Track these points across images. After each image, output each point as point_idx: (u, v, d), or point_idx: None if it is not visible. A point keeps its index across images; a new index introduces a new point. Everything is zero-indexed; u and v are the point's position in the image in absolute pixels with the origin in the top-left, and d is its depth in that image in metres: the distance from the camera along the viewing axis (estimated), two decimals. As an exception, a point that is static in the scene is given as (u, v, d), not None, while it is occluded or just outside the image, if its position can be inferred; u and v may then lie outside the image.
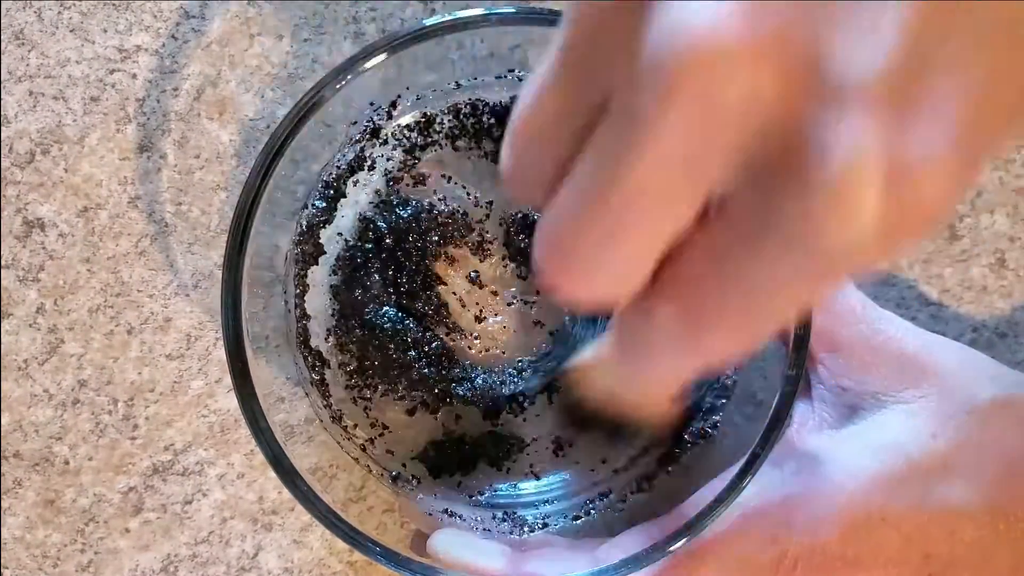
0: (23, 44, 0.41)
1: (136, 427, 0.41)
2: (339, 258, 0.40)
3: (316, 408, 0.39)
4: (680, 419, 0.37)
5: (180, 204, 0.41)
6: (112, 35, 0.41)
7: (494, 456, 0.40)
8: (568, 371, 0.33)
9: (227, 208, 0.41)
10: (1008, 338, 0.42)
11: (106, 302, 0.41)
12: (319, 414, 0.39)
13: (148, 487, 0.41)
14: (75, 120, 0.41)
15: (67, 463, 0.41)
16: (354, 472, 0.40)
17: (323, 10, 0.41)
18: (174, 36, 0.41)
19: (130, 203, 0.41)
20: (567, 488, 0.40)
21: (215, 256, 0.41)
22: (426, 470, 0.40)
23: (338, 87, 0.33)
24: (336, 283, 0.40)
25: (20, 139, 0.41)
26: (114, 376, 0.41)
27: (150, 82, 0.41)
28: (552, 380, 0.40)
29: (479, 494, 0.40)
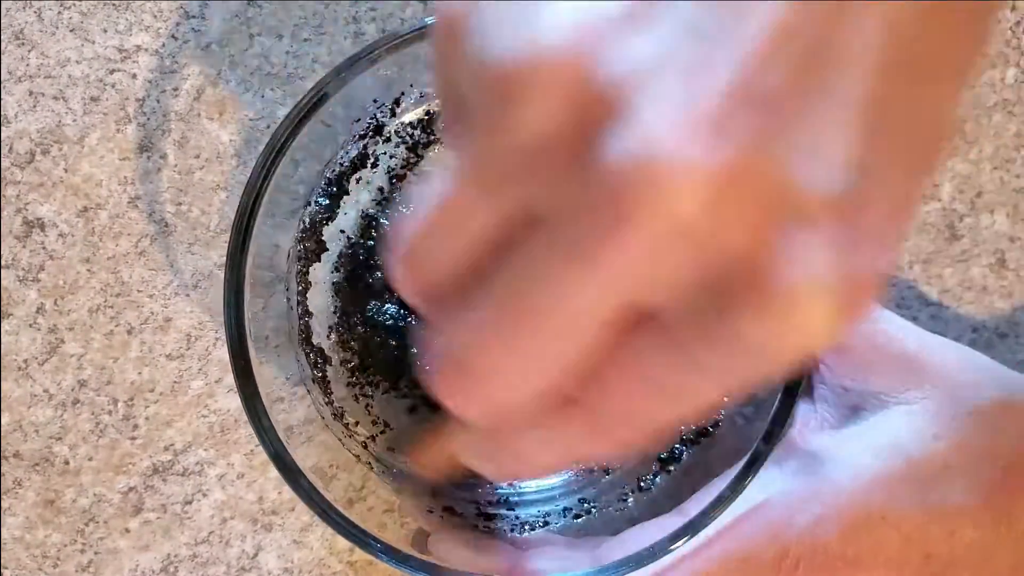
0: (23, 44, 0.41)
1: (136, 427, 0.41)
2: (341, 255, 0.40)
3: (317, 406, 0.39)
4: None
5: (180, 204, 0.41)
6: (112, 35, 0.41)
7: None
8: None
9: (227, 208, 0.41)
10: (1008, 338, 0.42)
11: (106, 302, 0.41)
12: (320, 411, 0.39)
13: (148, 487, 0.41)
14: (75, 120, 0.41)
15: (67, 463, 0.41)
16: (354, 472, 0.40)
17: (323, 10, 0.41)
18: (174, 36, 0.41)
19: (130, 203, 0.41)
20: (567, 487, 0.40)
21: (215, 256, 0.41)
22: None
23: (340, 86, 0.33)
24: (338, 280, 0.40)
25: (20, 139, 0.41)
26: (114, 376, 0.41)
27: (150, 82, 0.41)
28: None
29: (479, 492, 0.40)
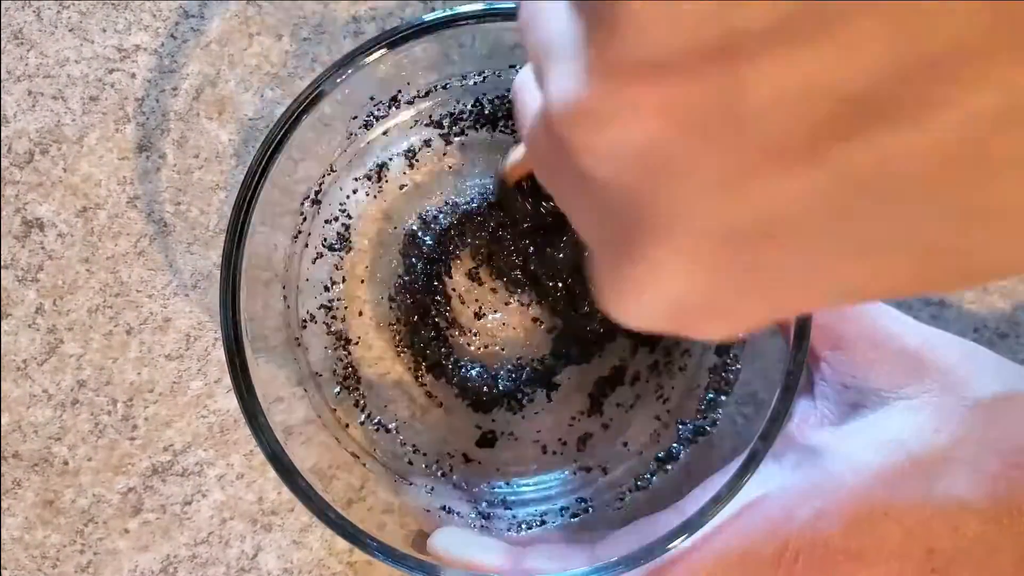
0: (22, 44, 0.41)
1: (135, 427, 0.41)
2: (341, 253, 0.40)
3: (315, 404, 0.39)
4: None
5: (179, 204, 0.41)
6: (111, 35, 0.41)
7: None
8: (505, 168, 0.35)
9: (226, 208, 0.41)
10: (1009, 338, 0.42)
11: (105, 302, 0.41)
12: (317, 408, 0.39)
13: (147, 487, 0.41)
14: (74, 120, 0.41)
15: (66, 463, 0.41)
16: (353, 472, 0.40)
17: (323, 10, 0.41)
18: (173, 36, 0.41)
19: (129, 203, 0.41)
20: (565, 486, 0.40)
21: (214, 256, 0.41)
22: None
23: (337, 82, 0.33)
24: (338, 279, 0.40)
25: (19, 139, 0.41)
26: (113, 376, 0.41)
27: (149, 82, 0.41)
28: (550, 377, 0.40)
29: (478, 491, 0.40)
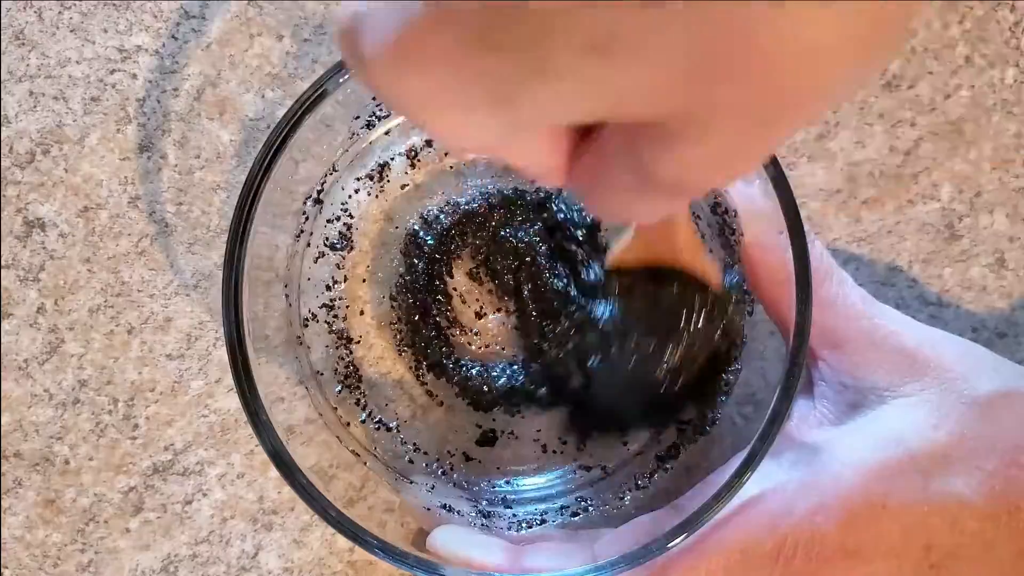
0: (23, 44, 0.41)
1: (136, 427, 0.41)
2: (340, 252, 0.40)
3: (316, 403, 0.39)
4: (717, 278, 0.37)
5: (180, 204, 0.41)
6: (112, 35, 0.41)
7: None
8: (611, 258, 0.35)
9: (227, 208, 0.41)
10: (1008, 338, 0.42)
11: (106, 302, 0.41)
12: (318, 407, 0.39)
13: (148, 487, 0.41)
14: (75, 120, 0.41)
15: (67, 463, 0.41)
16: (354, 472, 0.40)
17: (323, 10, 0.41)
18: (174, 36, 0.41)
19: (130, 203, 0.41)
20: (565, 485, 0.40)
21: (215, 256, 0.41)
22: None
23: (339, 82, 0.33)
24: (339, 277, 0.40)
25: (20, 139, 0.41)
26: (114, 376, 0.41)
27: (150, 82, 0.41)
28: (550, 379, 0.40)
29: (478, 490, 0.40)
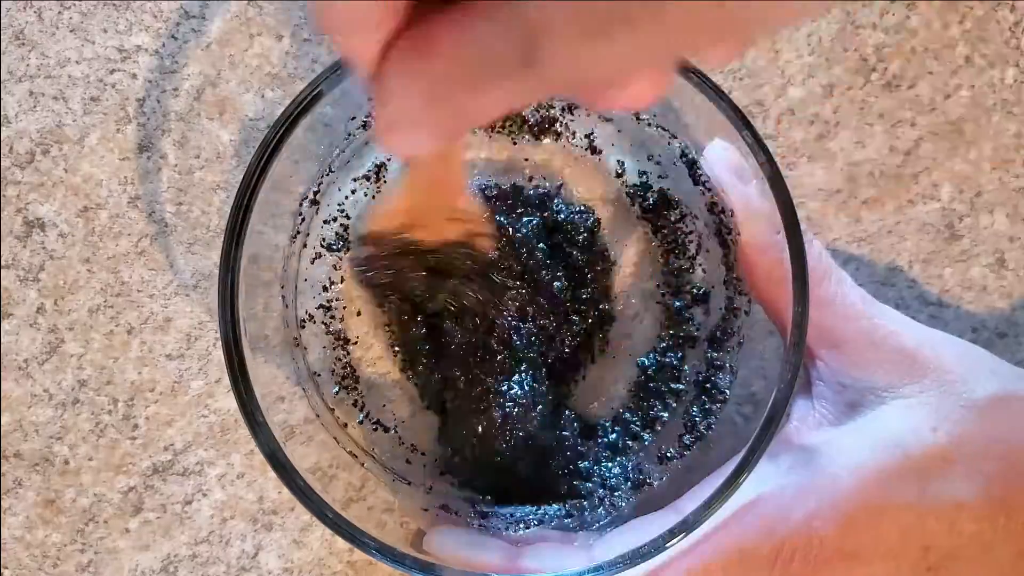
0: (23, 44, 0.41)
1: (136, 427, 0.41)
2: (338, 251, 0.40)
3: (314, 404, 0.39)
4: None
5: (180, 204, 0.41)
6: (112, 35, 0.41)
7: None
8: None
9: (227, 208, 0.41)
10: (1008, 338, 0.42)
11: (106, 302, 0.41)
12: (316, 408, 0.39)
13: (148, 487, 0.41)
14: (75, 120, 0.41)
15: (67, 463, 0.41)
16: (354, 472, 0.40)
17: (323, 10, 0.41)
18: (174, 36, 0.41)
19: (130, 203, 0.41)
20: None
21: (215, 256, 0.41)
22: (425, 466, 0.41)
23: (335, 83, 0.33)
24: (336, 277, 0.40)
25: (20, 139, 0.41)
26: (114, 376, 0.41)
27: (150, 82, 0.41)
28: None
29: (475, 490, 0.40)
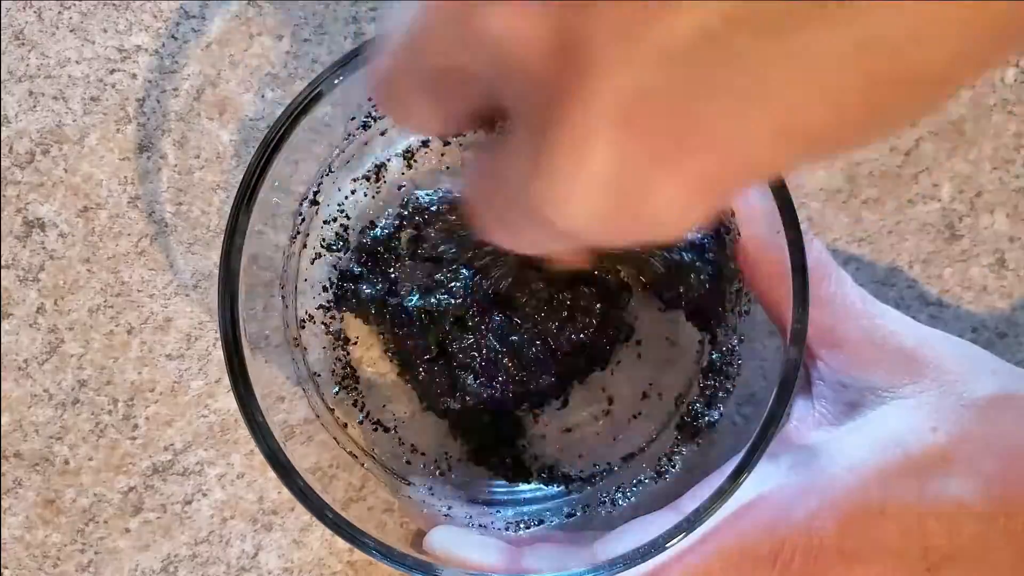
0: (23, 44, 0.41)
1: (136, 427, 0.41)
2: (337, 251, 0.40)
3: (313, 404, 0.39)
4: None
5: (180, 204, 0.41)
6: (112, 35, 0.41)
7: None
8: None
9: (227, 208, 0.41)
10: (1008, 338, 0.42)
11: (106, 302, 0.41)
12: (316, 408, 0.39)
13: (148, 487, 0.41)
14: (75, 120, 0.41)
15: (67, 463, 0.41)
16: (354, 472, 0.40)
17: (323, 10, 0.41)
18: (174, 36, 0.41)
19: (130, 203, 0.41)
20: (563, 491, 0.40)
21: (215, 256, 0.41)
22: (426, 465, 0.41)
23: (335, 83, 0.33)
24: (334, 276, 0.40)
25: (20, 139, 0.41)
26: (114, 376, 0.41)
27: (150, 82, 0.41)
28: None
29: (475, 491, 0.40)
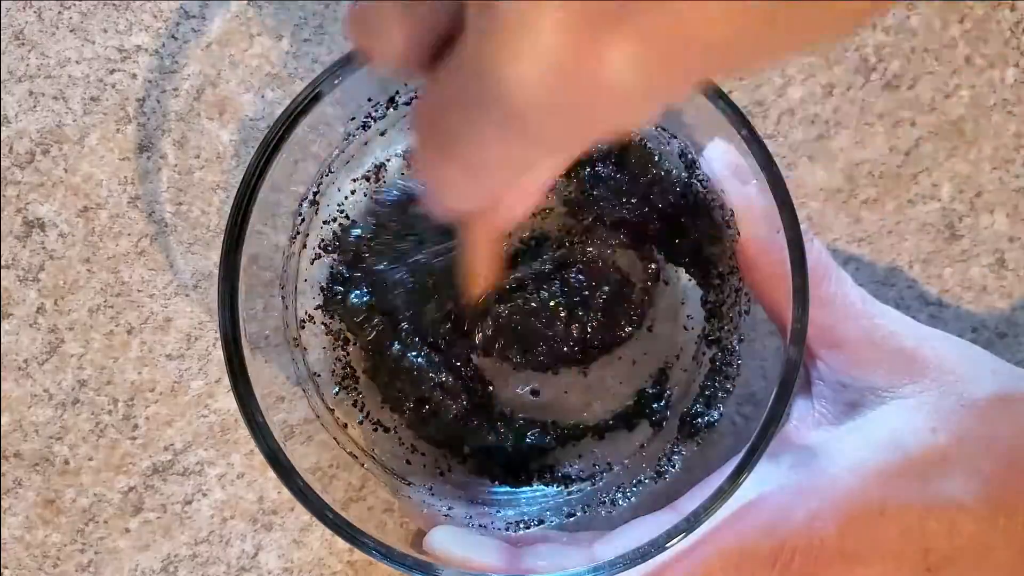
0: (23, 44, 0.41)
1: (136, 427, 0.41)
2: (337, 251, 0.40)
3: (313, 404, 0.39)
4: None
5: (180, 204, 0.41)
6: (112, 35, 0.41)
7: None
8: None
9: (227, 208, 0.41)
10: (1008, 338, 0.42)
11: (106, 302, 0.41)
12: (316, 409, 0.39)
13: (148, 487, 0.41)
14: (75, 120, 0.41)
15: (67, 463, 0.41)
16: (354, 472, 0.40)
17: (323, 10, 0.41)
18: (174, 36, 0.41)
19: (130, 203, 0.41)
20: (562, 492, 0.40)
21: (215, 256, 0.41)
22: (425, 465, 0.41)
23: (335, 83, 0.33)
24: (333, 277, 0.40)
25: (20, 139, 0.41)
26: (114, 376, 0.41)
27: (150, 82, 0.41)
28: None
29: (476, 491, 0.40)
